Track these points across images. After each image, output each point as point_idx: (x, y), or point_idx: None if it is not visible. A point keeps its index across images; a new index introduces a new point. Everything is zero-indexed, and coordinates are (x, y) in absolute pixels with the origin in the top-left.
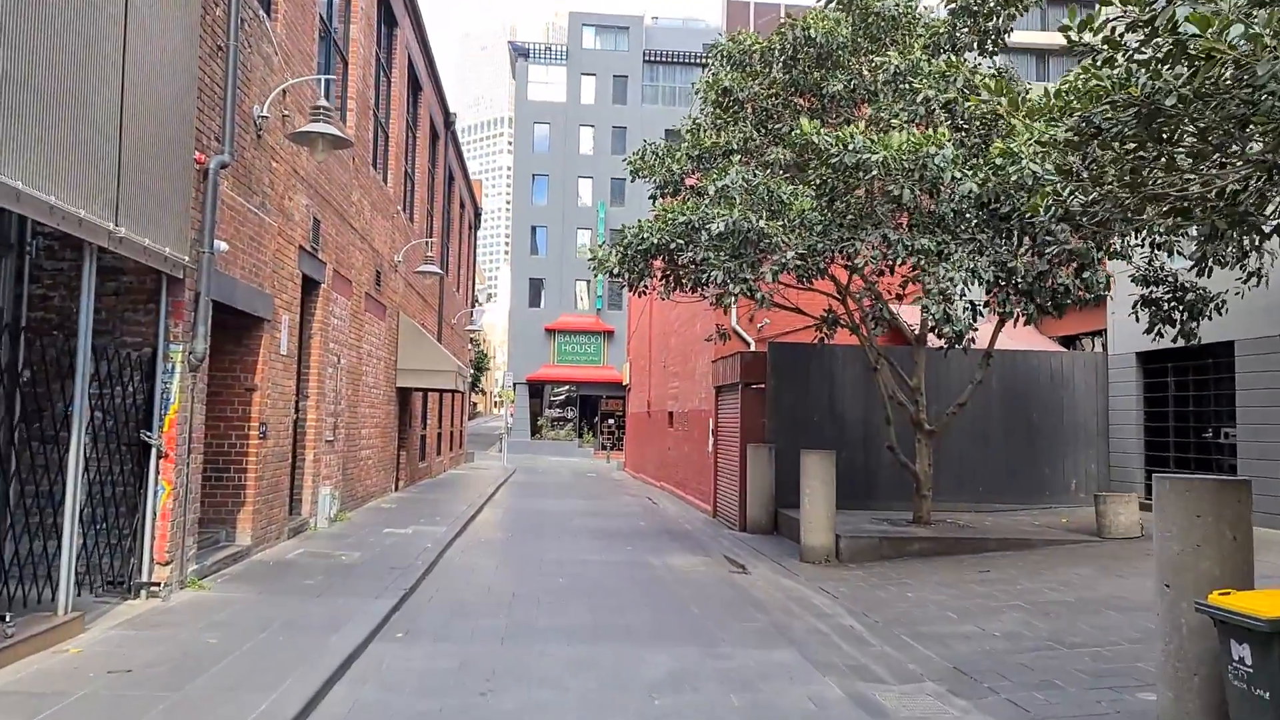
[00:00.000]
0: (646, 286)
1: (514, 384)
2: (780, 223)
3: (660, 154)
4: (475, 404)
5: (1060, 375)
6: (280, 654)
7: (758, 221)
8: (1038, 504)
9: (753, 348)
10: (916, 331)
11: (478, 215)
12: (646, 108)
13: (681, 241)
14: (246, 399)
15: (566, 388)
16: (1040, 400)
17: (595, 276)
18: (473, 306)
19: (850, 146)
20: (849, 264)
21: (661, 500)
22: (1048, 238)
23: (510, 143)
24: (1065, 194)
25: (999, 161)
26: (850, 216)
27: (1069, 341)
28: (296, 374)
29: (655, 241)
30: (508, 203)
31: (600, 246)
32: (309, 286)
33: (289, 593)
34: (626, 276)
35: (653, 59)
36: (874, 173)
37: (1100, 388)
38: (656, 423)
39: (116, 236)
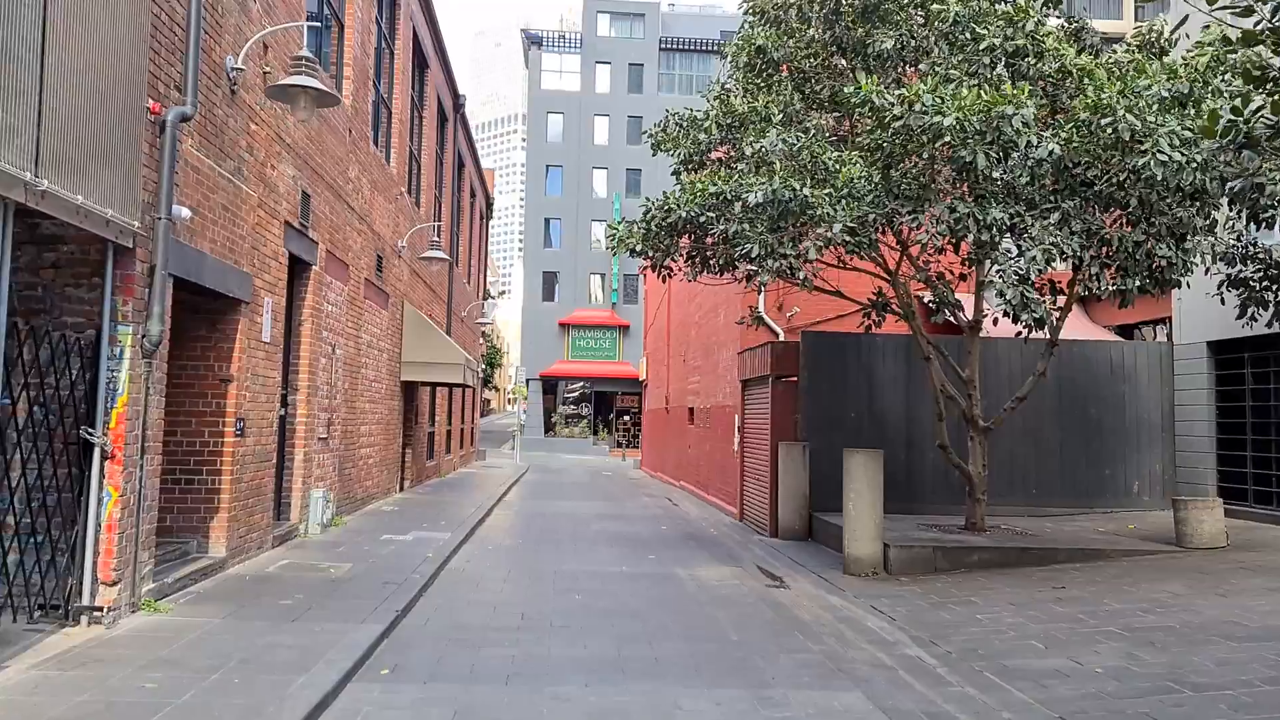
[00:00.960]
0: (670, 267)
1: (527, 380)
2: (826, 191)
3: (685, 125)
4: (488, 401)
5: (1121, 367)
6: (227, 705)
7: (801, 189)
8: (1097, 508)
9: (782, 338)
10: (970, 318)
11: (490, 205)
12: (663, 97)
13: (712, 215)
14: (221, 391)
15: (581, 384)
16: (1099, 394)
17: (614, 254)
18: (484, 299)
19: (917, 107)
20: (899, 241)
21: (682, 501)
22: (1163, 203)
23: (524, 140)
24: (1250, 112)
25: (1084, 117)
26: (907, 185)
27: (1126, 331)
28: (283, 364)
29: (683, 215)
30: (521, 200)
31: (620, 223)
32: (298, 268)
33: (261, 616)
34: (650, 255)
35: (669, 46)
36: (945, 138)
37: (1165, 380)
38: (675, 420)
39: (36, 190)
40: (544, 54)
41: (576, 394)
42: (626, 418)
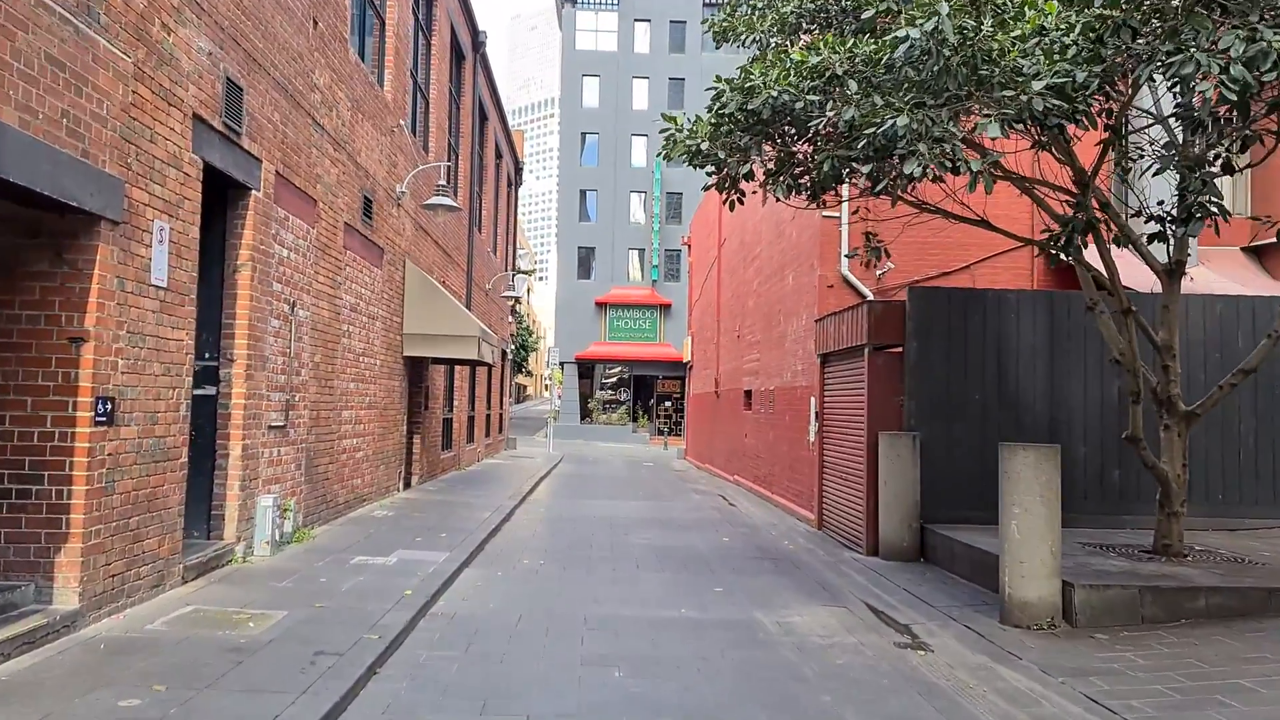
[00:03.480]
0: (743, 187)
1: (561, 363)
2: (1015, 34)
3: (762, 4)
4: (524, 386)
5: None
6: None
7: (976, 31)
8: None
9: (864, 301)
10: (1171, 258)
11: (519, 171)
12: (707, 57)
13: (815, 99)
14: (70, 357)
15: (619, 367)
16: None
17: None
18: (514, 273)
19: None
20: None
21: (739, 500)
22: None
23: (561, 124)
24: None
25: None
26: (1142, 15)
27: None
28: (199, 322)
29: (772, 97)
30: (559, 184)
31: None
32: (224, 188)
33: None
34: (723, 159)
35: (715, 1)
36: None
37: None
38: (728, 405)
39: None
40: (578, 12)
41: (614, 378)
42: (668, 403)
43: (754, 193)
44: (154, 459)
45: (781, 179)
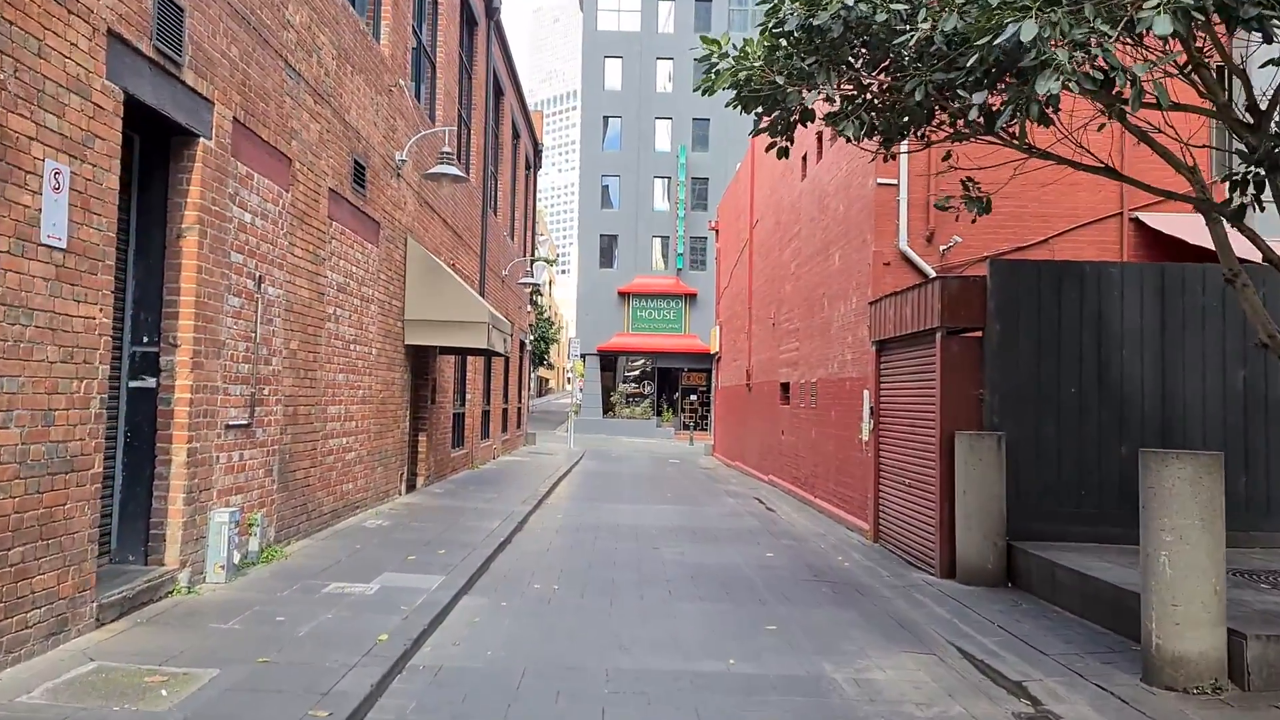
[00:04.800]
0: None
1: (582, 355)
2: None
3: None
4: (545, 380)
5: None
6: None
7: None
8: None
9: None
10: None
11: (538, 154)
12: (735, 36)
13: (903, 7)
14: None
15: (642, 359)
16: None
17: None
18: (532, 259)
19: None
20: None
21: (778, 504)
22: None
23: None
24: None
25: None
26: None
27: None
28: (136, 300)
29: (847, 9)
30: (580, 169)
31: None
32: (165, 134)
33: None
34: (781, 88)
35: None
36: None
37: None
38: (761, 398)
39: None
40: None
41: (637, 370)
42: (694, 397)
43: (820, 129)
44: (48, 471)
45: (853, 116)
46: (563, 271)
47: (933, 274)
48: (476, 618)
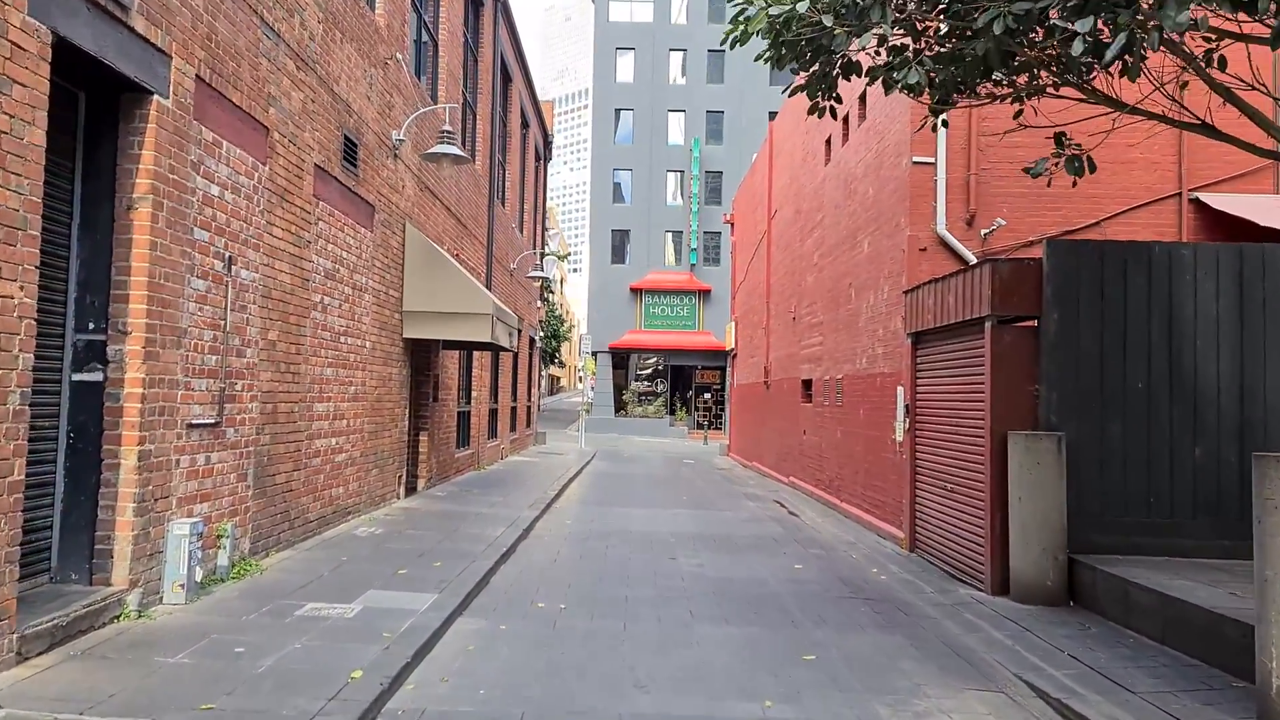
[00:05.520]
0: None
1: (594, 352)
2: None
3: None
4: (557, 378)
5: None
6: None
7: None
8: None
9: (969, 266)
10: None
11: (548, 145)
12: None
13: None
14: None
15: (655, 357)
16: None
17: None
18: (542, 252)
19: None
20: None
21: (801, 508)
22: None
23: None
24: None
25: None
26: None
27: None
28: (80, 281)
29: None
30: (591, 163)
31: None
32: (115, 91)
33: None
34: (829, 30)
35: None
36: None
37: None
38: (780, 396)
39: None
40: None
41: (650, 368)
42: (708, 395)
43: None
44: None
45: (915, 61)
46: (574, 270)
47: (973, 260)
48: (471, 645)
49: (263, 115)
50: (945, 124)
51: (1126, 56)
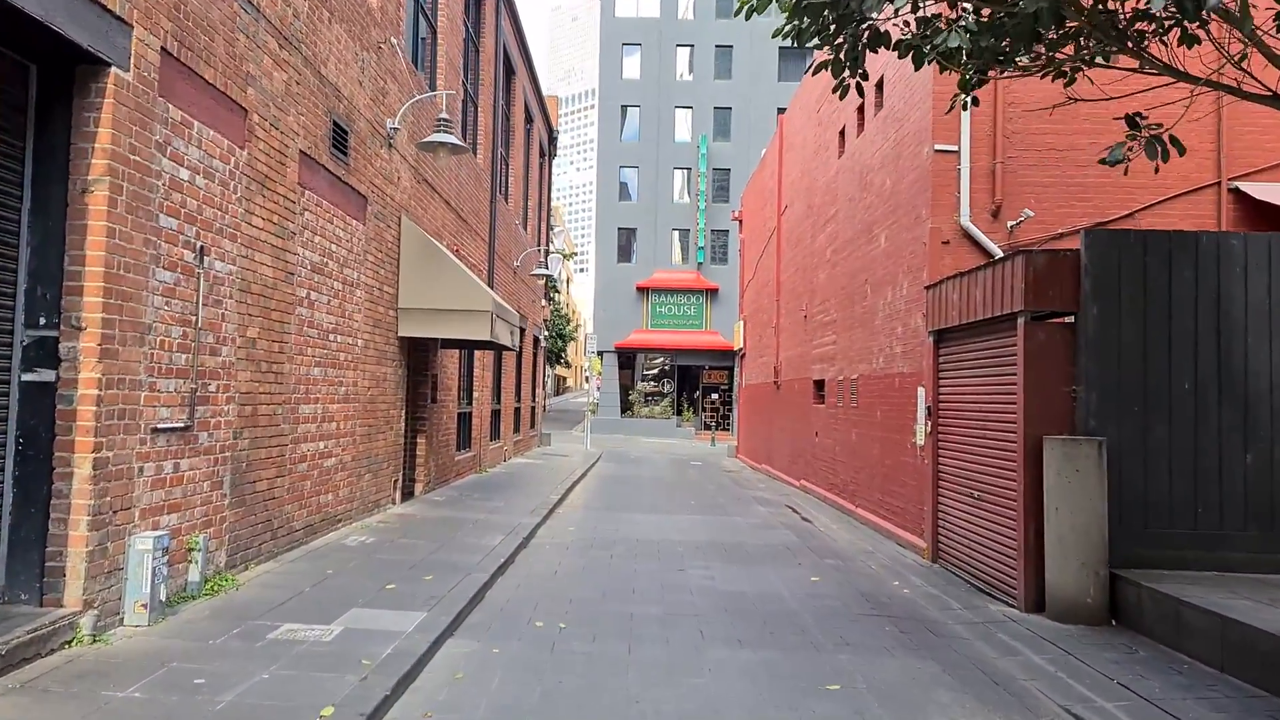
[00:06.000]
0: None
1: (600, 352)
2: None
3: None
4: (563, 378)
5: None
6: None
7: None
8: None
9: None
10: None
11: (553, 141)
12: (759, 20)
13: None
14: None
15: (662, 357)
16: None
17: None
18: (546, 250)
19: None
20: None
21: (814, 513)
22: None
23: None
24: None
25: None
26: None
27: None
28: (32, 273)
29: None
30: (598, 160)
31: None
32: (69, 63)
33: None
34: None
35: None
36: None
37: None
38: (791, 397)
39: None
40: None
41: (657, 369)
42: (715, 395)
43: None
44: None
45: (954, 28)
46: (581, 270)
47: (999, 253)
48: (460, 672)
49: (240, 95)
50: (975, 102)
51: (1202, 15)
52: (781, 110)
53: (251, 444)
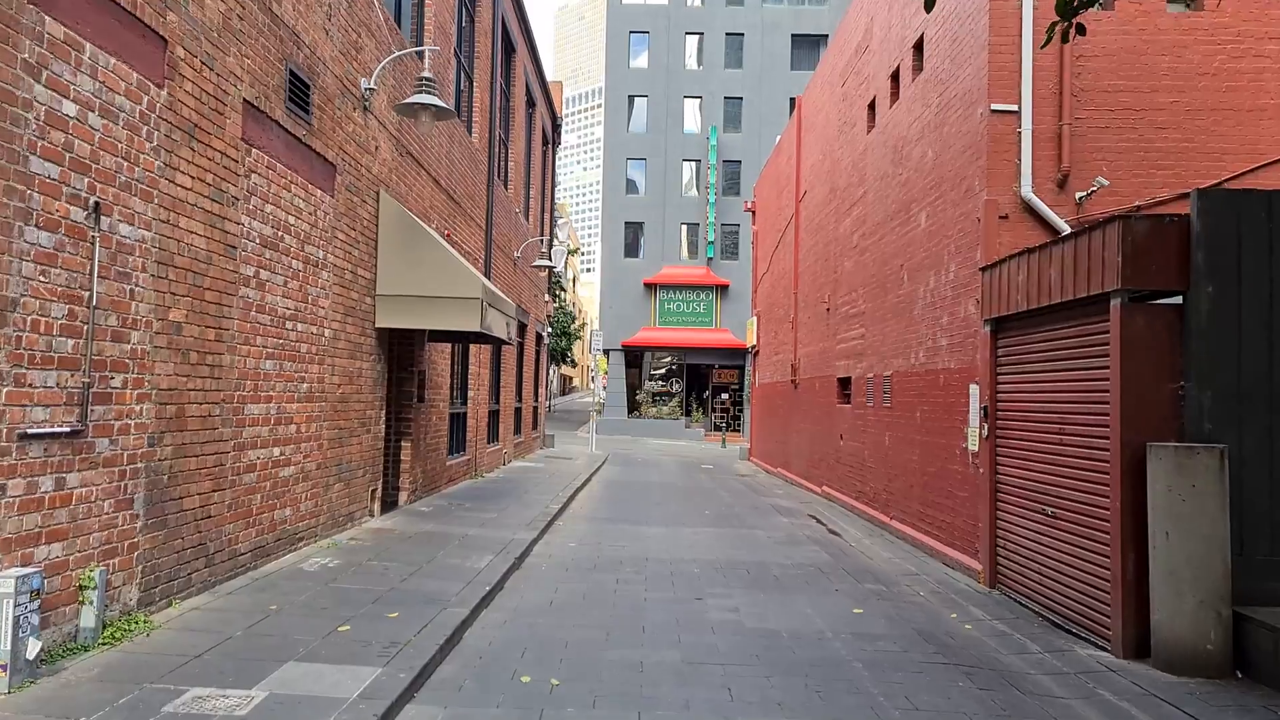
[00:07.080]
0: None
1: (606, 350)
2: None
3: None
4: (569, 377)
5: None
6: None
7: None
8: None
9: (1065, 234)
10: None
11: (556, 129)
12: (769, 9)
13: None
14: None
15: (670, 355)
16: None
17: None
18: (550, 241)
19: None
20: None
21: (841, 524)
22: None
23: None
24: None
25: None
26: None
27: None
28: None
29: None
30: (604, 152)
31: None
32: None
33: None
34: None
35: None
36: None
37: None
38: (811, 396)
39: None
40: None
41: (665, 367)
42: (725, 395)
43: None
44: None
45: None
46: (587, 269)
47: (1066, 229)
48: None
49: (156, 20)
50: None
51: None
52: (794, 100)
53: (176, 452)
